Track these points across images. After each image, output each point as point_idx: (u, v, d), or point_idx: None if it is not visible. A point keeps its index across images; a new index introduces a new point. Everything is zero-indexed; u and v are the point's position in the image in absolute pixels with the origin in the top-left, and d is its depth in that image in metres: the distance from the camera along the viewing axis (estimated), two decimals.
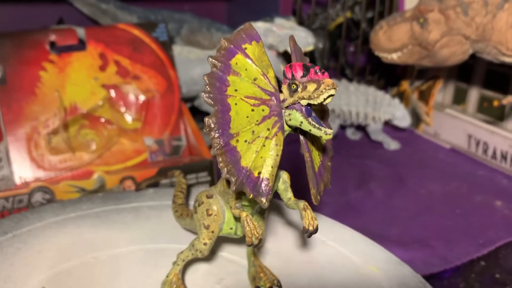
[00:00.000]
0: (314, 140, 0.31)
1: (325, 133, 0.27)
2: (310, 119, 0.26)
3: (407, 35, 0.62)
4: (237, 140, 0.27)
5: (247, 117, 0.27)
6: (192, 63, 0.58)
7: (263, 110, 0.27)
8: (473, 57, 0.68)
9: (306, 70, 0.26)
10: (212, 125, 0.26)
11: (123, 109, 0.54)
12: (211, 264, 0.37)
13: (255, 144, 0.27)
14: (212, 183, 0.51)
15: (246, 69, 0.27)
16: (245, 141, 0.27)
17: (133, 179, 0.47)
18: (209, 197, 0.31)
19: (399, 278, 0.34)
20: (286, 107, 0.27)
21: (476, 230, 0.53)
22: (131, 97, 0.54)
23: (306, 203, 0.30)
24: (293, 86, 0.26)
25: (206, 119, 0.26)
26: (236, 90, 0.27)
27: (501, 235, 0.52)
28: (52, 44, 0.53)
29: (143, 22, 0.63)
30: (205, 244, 0.31)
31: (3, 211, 0.43)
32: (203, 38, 0.69)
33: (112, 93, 0.54)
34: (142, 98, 0.55)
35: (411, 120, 0.76)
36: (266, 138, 0.27)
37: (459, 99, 0.75)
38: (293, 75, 0.26)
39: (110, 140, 0.52)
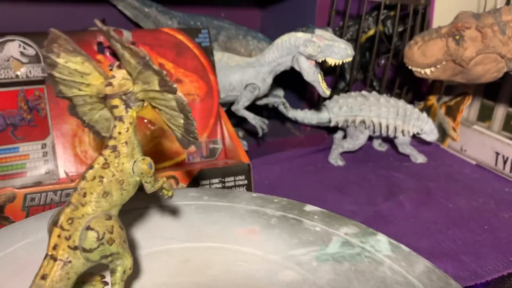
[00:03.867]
0: None
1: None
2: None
3: (442, 51, 0.63)
4: None
5: None
6: (231, 70, 0.60)
7: None
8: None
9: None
10: None
11: None
12: None
13: None
14: (249, 186, 0.52)
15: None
16: None
17: (175, 178, 0.49)
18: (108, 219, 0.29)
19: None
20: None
21: (505, 247, 0.54)
22: None
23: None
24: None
25: None
26: None
27: None
28: (99, 45, 0.55)
29: (187, 28, 0.65)
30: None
31: (51, 203, 0.45)
32: (239, 45, 0.70)
33: None
34: None
35: (438, 135, 0.76)
36: None
37: (485, 116, 0.76)
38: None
39: (151, 140, 0.54)
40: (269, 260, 0.37)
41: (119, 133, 0.29)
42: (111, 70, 0.30)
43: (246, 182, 0.52)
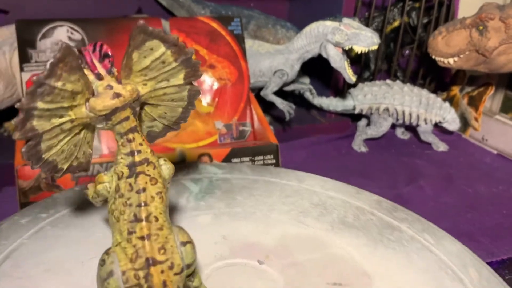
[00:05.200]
0: None
1: None
2: None
3: (465, 41, 0.65)
4: None
5: None
6: (261, 56, 0.63)
7: None
8: None
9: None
10: None
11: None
12: None
13: None
14: (277, 165, 0.55)
15: None
16: None
17: (209, 156, 0.52)
18: (180, 228, 0.28)
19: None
20: None
21: None
22: (206, 84, 0.60)
23: None
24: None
25: None
26: None
27: None
28: None
29: (221, 16, 0.68)
30: None
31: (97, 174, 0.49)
32: (268, 33, 0.73)
33: None
34: (216, 85, 0.60)
35: (460, 124, 0.78)
36: None
37: (508, 107, 0.77)
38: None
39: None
40: None
41: (141, 144, 0.27)
42: (99, 79, 0.27)
43: (274, 161, 0.56)
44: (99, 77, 0.26)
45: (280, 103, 0.62)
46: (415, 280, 0.33)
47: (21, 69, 0.54)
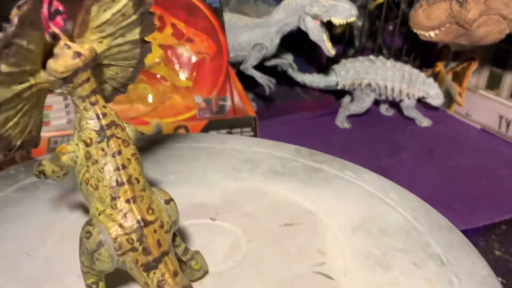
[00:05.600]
0: None
1: None
2: None
3: (445, 13, 0.64)
4: None
5: None
6: (240, 30, 0.63)
7: None
8: (510, 41, 0.70)
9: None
10: None
11: (177, 68, 0.59)
12: None
13: None
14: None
15: None
16: None
17: (186, 128, 0.53)
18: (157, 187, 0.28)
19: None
20: None
21: (500, 200, 0.57)
22: (185, 58, 0.59)
23: None
24: None
25: None
26: None
27: None
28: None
29: None
30: None
31: None
32: (249, 9, 0.73)
33: (168, 52, 0.59)
34: (194, 59, 0.60)
35: (444, 100, 0.78)
36: None
37: (493, 84, 0.77)
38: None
39: (164, 95, 0.58)
40: None
41: (104, 106, 0.26)
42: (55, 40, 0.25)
43: (252, 134, 0.56)
44: (55, 36, 0.25)
45: (259, 77, 0.62)
46: (351, 209, 0.37)
47: None
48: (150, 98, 0.57)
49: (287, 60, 0.70)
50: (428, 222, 0.37)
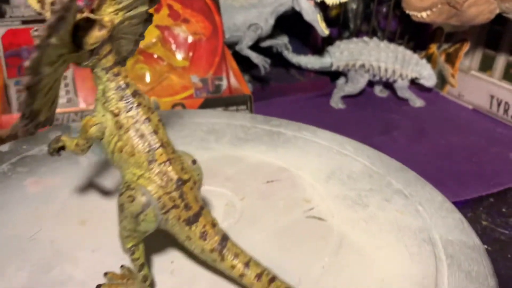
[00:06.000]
0: None
1: None
2: None
3: None
4: None
5: None
6: (235, 10, 0.64)
7: None
8: (502, 23, 0.71)
9: None
10: None
11: (173, 48, 0.60)
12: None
13: None
14: None
15: None
16: None
17: (183, 105, 0.54)
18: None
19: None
20: None
21: (489, 175, 0.58)
22: (181, 38, 0.61)
23: None
24: None
25: None
26: None
27: None
28: None
29: None
30: None
31: (74, 122, 0.51)
32: None
33: (165, 33, 0.60)
34: (190, 39, 0.61)
35: (437, 81, 0.80)
36: None
37: (486, 66, 0.79)
38: None
39: (161, 75, 0.59)
40: None
41: (126, 76, 0.27)
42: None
43: (248, 112, 0.57)
44: (80, 10, 0.25)
45: (255, 57, 0.64)
46: (318, 163, 0.42)
47: None
48: (147, 78, 0.58)
49: (282, 41, 0.71)
50: (384, 166, 0.43)
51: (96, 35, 0.25)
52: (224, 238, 0.26)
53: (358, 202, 0.36)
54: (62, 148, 0.29)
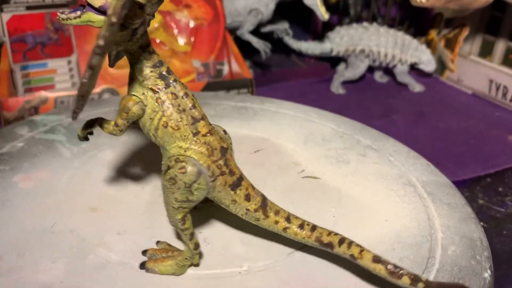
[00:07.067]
0: None
1: None
2: None
3: None
4: None
5: None
6: None
7: None
8: (502, 9, 0.72)
9: None
10: None
11: (175, 33, 0.61)
12: None
13: None
14: None
15: None
16: None
17: None
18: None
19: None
20: None
21: (487, 156, 0.59)
22: (183, 23, 0.61)
23: None
24: None
25: None
26: None
27: (509, 161, 0.58)
28: None
29: None
30: None
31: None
32: None
33: (167, 18, 0.61)
34: (192, 24, 0.62)
35: (436, 67, 0.80)
36: None
37: (486, 52, 0.79)
38: None
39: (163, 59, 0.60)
40: None
41: (158, 54, 0.28)
42: None
43: (249, 95, 0.58)
44: None
45: (256, 42, 0.64)
46: (291, 131, 0.45)
47: (1, 10, 0.56)
48: None
49: (282, 27, 0.71)
50: (349, 127, 0.47)
51: (139, 13, 0.25)
52: (264, 198, 0.29)
53: (340, 159, 0.41)
54: (91, 133, 0.30)
